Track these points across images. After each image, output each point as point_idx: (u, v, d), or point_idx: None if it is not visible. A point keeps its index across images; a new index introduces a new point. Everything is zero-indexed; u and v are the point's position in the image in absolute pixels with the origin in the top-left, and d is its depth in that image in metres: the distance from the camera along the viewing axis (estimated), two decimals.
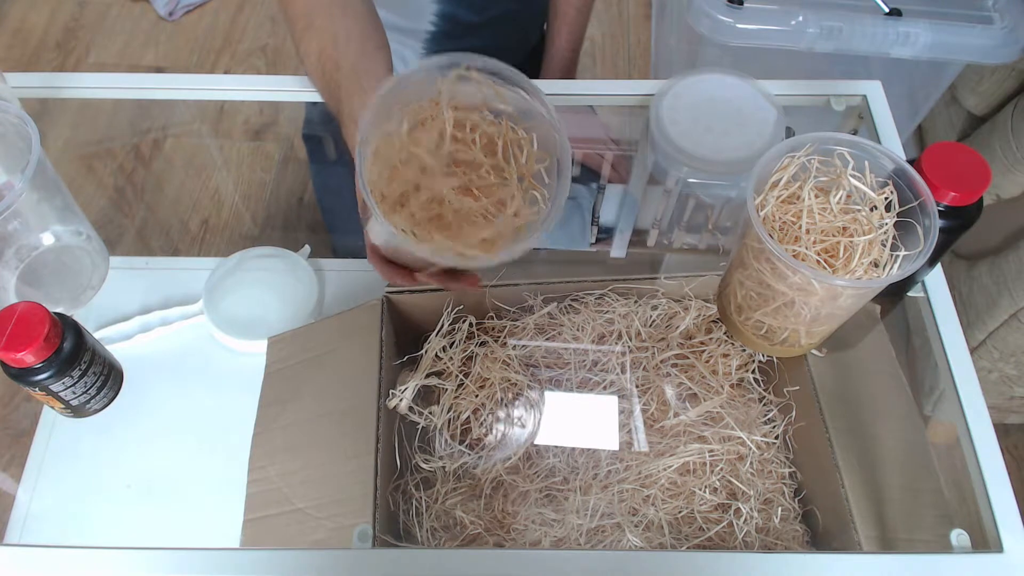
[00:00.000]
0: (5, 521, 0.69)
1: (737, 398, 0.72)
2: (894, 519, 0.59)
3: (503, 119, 0.56)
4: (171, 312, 0.79)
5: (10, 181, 0.66)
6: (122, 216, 1.19)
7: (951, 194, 0.59)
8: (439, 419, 0.69)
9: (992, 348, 1.18)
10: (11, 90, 0.76)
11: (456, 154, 0.55)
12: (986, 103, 1.27)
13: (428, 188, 0.53)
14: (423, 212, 0.54)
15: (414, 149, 0.54)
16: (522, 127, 0.56)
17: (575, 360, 0.73)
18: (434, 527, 0.66)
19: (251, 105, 1.67)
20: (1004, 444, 0.98)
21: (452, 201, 0.53)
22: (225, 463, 0.64)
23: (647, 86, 0.79)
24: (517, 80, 0.56)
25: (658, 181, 0.81)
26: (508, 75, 0.56)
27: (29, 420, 0.74)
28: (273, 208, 1.56)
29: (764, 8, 1.11)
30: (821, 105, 0.80)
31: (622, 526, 0.64)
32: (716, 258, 0.82)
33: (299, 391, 0.65)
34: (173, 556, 0.55)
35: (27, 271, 0.69)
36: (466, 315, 0.73)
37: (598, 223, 0.92)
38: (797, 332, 0.61)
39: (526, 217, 0.55)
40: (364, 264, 0.84)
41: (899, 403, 0.65)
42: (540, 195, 0.56)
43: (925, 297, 0.67)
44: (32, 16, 2.02)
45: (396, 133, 0.55)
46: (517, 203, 0.54)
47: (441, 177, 0.54)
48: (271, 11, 2.03)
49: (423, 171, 0.54)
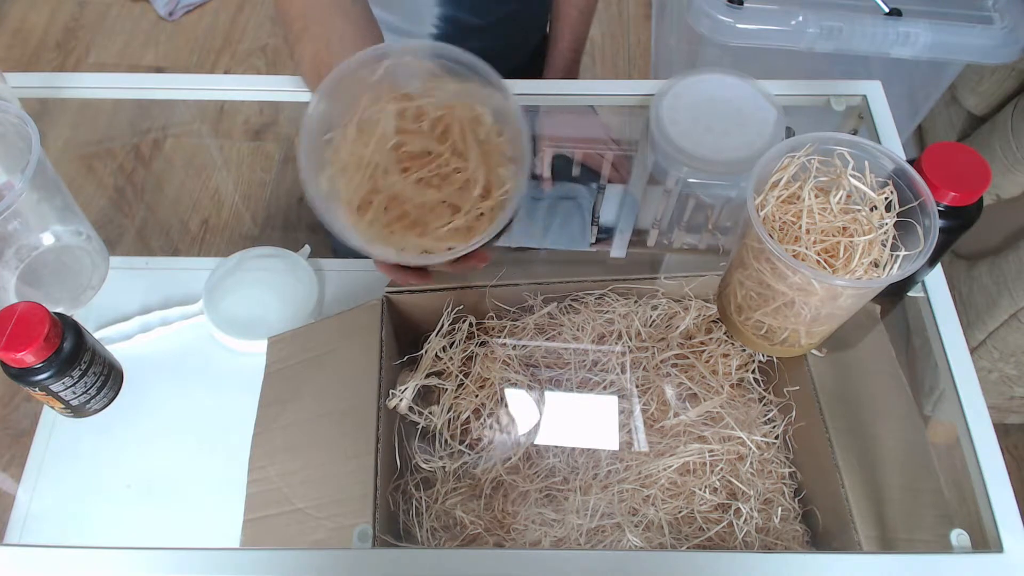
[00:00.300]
0: (5, 521, 0.69)
1: (737, 398, 0.72)
2: (894, 519, 0.59)
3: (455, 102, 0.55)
4: (171, 312, 0.79)
5: (10, 181, 0.66)
6: (122, 216, 1.19)
7: (951, 194, 0.59)
8: (439, 419, 0.69)
9: (992, 348, 1.18)
10: (11, 90, 0.76)
11: (407, 147, 0.54)
12: (986, 103, 1.27)
13: (384, 189, 0.53)
14: (387, 215, 0.53)
15: (362, 152, 0.53)
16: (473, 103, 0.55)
17: (575, 360, 0.73)
18: (434, 527, 0.66)
19: (251, 105, 1.67)
20: (1004, 444, 0.98)
21: (413, 196, 0.52)
22: (225, 463, 0.64)
23: (647, 86, 0.79)
24: (455, 55, 0.55)
25: (658, 181, 0.81)
26: (445, 52, 0.54)
27: (29, 420, 0.74)
28: (273, 208, 1.56)
29: (764, 8, 1.11)
30: (821, 105, 0.80)
31: (622, 526, 0.64)
32: (716, 258, 0.82)
33: (299, 391, 0.65)
34: (173, 556, 0.55)
35: (27, 271, 0.69)
36: (466, 315, 0.73)
37: (598, 223, 0.92)
38: (797, 332, 0.61)
39: (496, 196, 0.53)
40: (364, 264, 0.84)
41: (899, 403, 0.65)
42: (509, 170, 0.54)
43: (925, 297, 0.67)
44: (32, 16, 2.02)
45: (342, 140, 0.54)
46: (482, 183, 0.53)
47: (394, 176, 0.53)
48: (271, 11, 2.03)
49: (376, 172, 0.53)
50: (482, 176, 0.53)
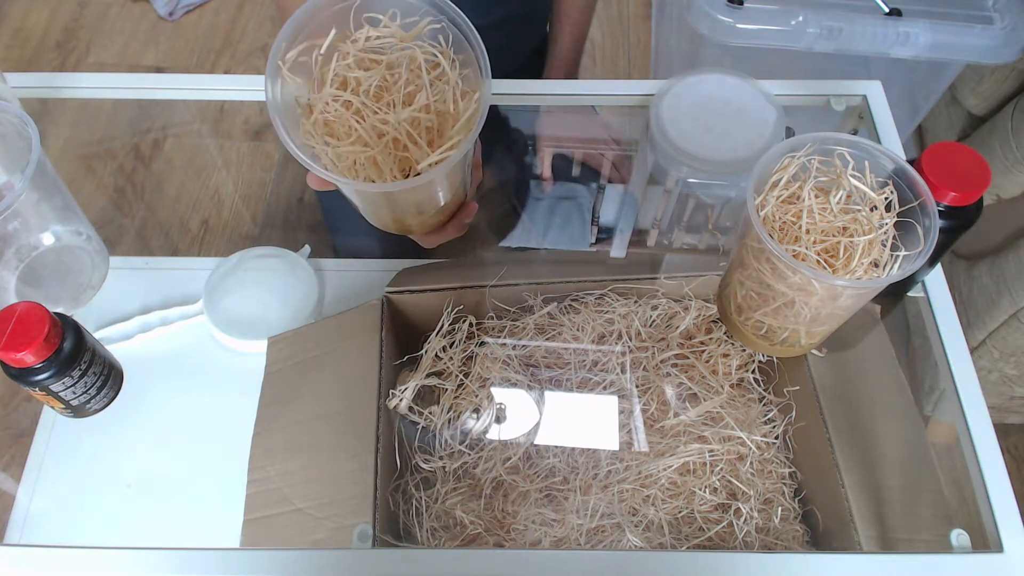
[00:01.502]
0: (5, 521, 0.69)
1: (737, 398, 0.72)
2: (894, 519, 0.59)
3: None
4: (171, 312, 0.79)
5: (10, 181, 0.66)
6: (122, 216, 1.19)
7: (951, 194, 0.59)
8: (439, 419, 0.69)
9: (992, 348, 1.18)
10: (11, 90, 0.76)
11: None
12: (986, 103, 1.28)
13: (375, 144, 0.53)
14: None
15: (346, 99, 0.53)
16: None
17: (575, 360, 0.73)
18: (434, 527, 0.66)
19: (251, 105, 1.67)
20: (1004, 444, 0.97)
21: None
22: (225, 463, 0.64)
23: (647, 86, 0.79)
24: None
25: (658, 181, 0.81)
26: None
27: (29, 420, 0.74)
28: (273, 208, 1.56)
29: (764, 8, 1.11)
30: (821, 105, 0.80)
31: (622, 526, 0.64)
32: (716, 258, 0.82)
33: (299, 391, 0.65)
34: (173, 556, 0.55)
35: (27, 271, 0.69)
36: (466, 315, 0.73)
37: (598, 223, 0.92)
38: (797, 332, 0.61)
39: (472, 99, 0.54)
40: (364, 264, 0.84)
41: (899, 403, 0.65)
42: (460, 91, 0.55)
43: (925, 297, 0.67)
44: (32, 16, 2.02)
45: (317, 99, 0.54)
46: (426, 93, 0.53)
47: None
48: (271, 11, 2.03)
49: (358, 114, 0.53)
50: (427, 87, 0.54)
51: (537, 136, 0.96)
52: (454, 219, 0.65)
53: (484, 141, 0.60)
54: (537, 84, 0.83)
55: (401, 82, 0.54)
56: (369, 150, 0.53)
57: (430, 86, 0.54)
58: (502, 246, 0.92)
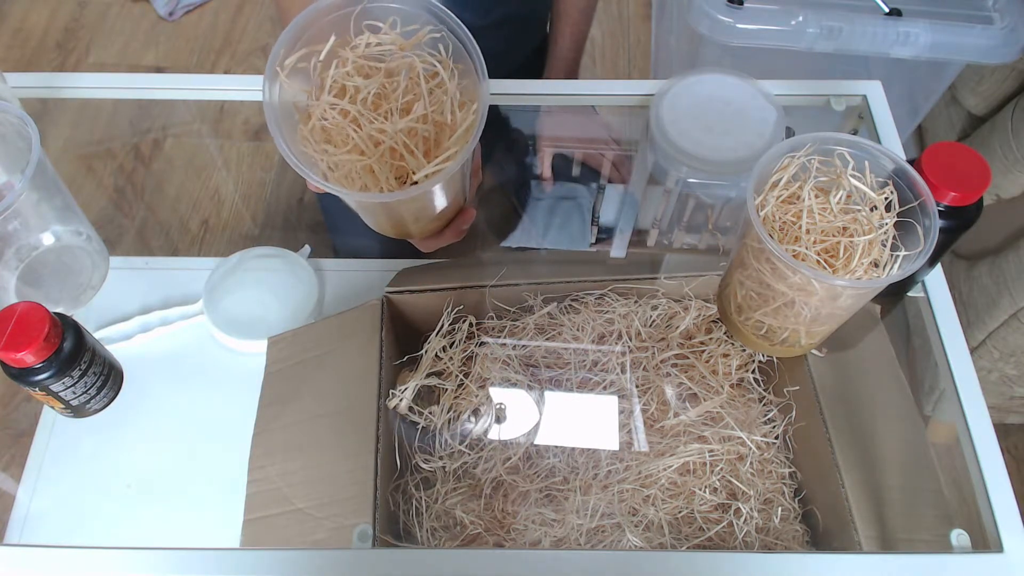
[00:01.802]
0: (5, 521, 0.69)
1: (737, 398, 0.72)
2: (894, 519, 0.59)
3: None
4: (171, 312, 0.79)
5: (10, 181, 0.66)
6: (122, 216, 1.19)
7: (951, 194, 0.59)
8: (439, 419, 0.69)
9: (992, 348, 1.17)
10: (11, 90, 0.76)
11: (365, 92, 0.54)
12: (986, 103, 1.28)
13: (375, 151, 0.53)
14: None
15: (343, 107, 0.53)
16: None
17: (575, 360, 0.73)
18: (434, 527, 0.66)
19: (251, 105, 1.66)
20: (1004, 444, 0.98)
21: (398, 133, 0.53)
22: (225, 463, 0.64)
23: (647, 86, 0.79)
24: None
25: (658, 181, 0.81)
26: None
27: (29, 420, 0.74)
28: (273, 208, 1.56)
29: (764, 8, 1.11)
30: (821, 105, 0.80)
31: (622, 526, 0.64)
32: (716, 258, 0.82)
33: (299, 391, 0.65)
34: (173, 556, 0.55)
35: (27, 271, 0.69)
36: (466, 315, 0.73)
37: (598, 223, 0.92)
38: (797, 332, 0.61)
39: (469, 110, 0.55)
40: (364, 264, 0.84)
41: (899, 403, 0.65)
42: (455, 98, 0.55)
43: (925, 297, 0.67)
44: (32, 16, 2.02)
45: (315, 106, 0.54)
46: (424, 103, 0.54)
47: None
48: (271, 11, 2.03)
49: (355, 123, 0.53)
50: (426, 96, 0.54)
51: (537, 136, 0.96)
52: (452, 224, 0.65)
53: (484, 142, 0.60)
54: (537, 84, 0.83)
55: (399, 91, 0.54)
56: (365, 159, 0.53)
57: (428, 96, 0.54)
58: (502, 246, 0.92)
